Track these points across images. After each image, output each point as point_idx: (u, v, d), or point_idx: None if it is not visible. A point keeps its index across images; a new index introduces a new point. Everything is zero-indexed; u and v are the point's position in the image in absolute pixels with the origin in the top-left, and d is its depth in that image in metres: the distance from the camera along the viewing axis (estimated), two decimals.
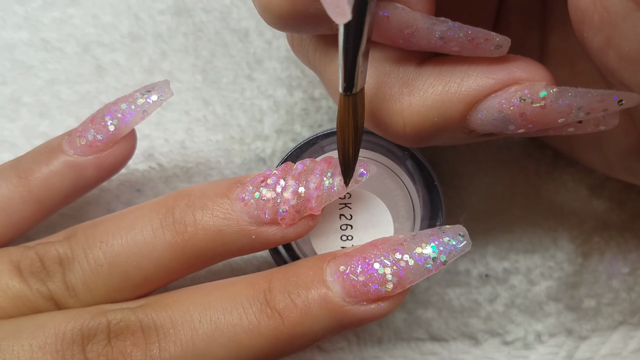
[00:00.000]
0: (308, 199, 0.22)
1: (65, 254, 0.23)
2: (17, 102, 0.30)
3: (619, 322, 0.31)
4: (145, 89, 0.25)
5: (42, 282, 0.23)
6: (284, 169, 0.23)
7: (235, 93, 0.31)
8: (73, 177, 0.25)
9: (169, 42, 0.31)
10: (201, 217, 0.22)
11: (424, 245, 0.21)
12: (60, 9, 0.31)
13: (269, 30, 0.31)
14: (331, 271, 0.22)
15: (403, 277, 0.21)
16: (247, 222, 0.22)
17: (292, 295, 0.21)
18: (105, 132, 0.25)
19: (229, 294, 0.22)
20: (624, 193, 0.31)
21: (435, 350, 0.31)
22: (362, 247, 0.22)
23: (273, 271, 0.23)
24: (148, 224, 0.23)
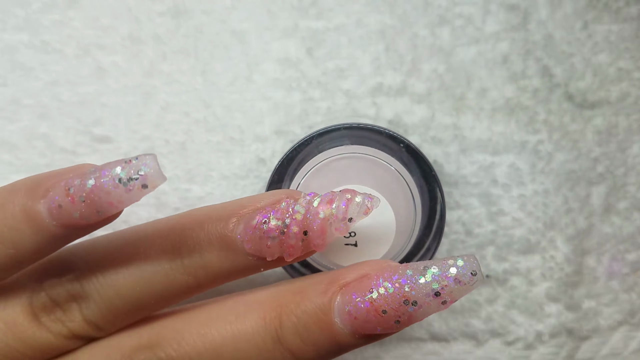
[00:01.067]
0: (313, 241, 0.22)
1: (78, 293, 0.23)
2: (17, 103, 0.30)
3: (620, 322, 0.31)
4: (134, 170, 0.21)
5: (62, 324, 0.23)
6: (285, 209, 0.22)
7: (235, 94, 0.31)
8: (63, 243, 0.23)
9: (169, 43, 0.31)
10: (209, 262, 0.23)
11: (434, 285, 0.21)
12: (60, 11, 0.31)
13: (268, 32, 0.31)
14: (339, 312, 0.22)
15: (413, 318, 0.22)
16: (254, 262, 0.23)
17: (302, 336, 0.22)
18: (93, 215, 0.21)
19: (243, 331, 0.23)
20: (623, 192, 0.31)
21: (436, 350, 0.31)
22: (367, 281, 0.22)
23: (281, 300, 0.23)
24: (159, 267, 0.23)
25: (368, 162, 0.27)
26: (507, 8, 0.31)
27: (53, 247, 0.22)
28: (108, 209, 0.21)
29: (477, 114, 0.31)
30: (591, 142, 0.31)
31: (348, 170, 0.27)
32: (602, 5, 0.31)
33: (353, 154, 0.27)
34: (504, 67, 0.31)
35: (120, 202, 0.21)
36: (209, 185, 0.31)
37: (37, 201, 0.21)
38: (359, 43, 0.31)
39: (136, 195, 0.21)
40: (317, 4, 0.31)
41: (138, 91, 0.31)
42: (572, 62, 0.31)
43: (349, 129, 0.27)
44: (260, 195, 0.23)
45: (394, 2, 0.31)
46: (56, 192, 0.21)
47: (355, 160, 0.27)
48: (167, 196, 0.31)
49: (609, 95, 0.31)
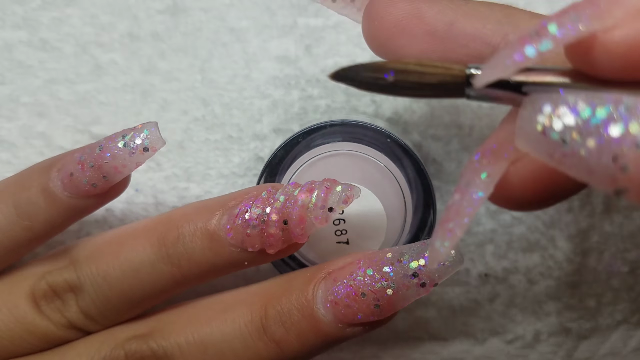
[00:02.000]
0: (293, 230, 0.22)
1: (73, 282, 0.24)
2: (15, 101, 0.30)
3: (619, 321, 0.31)
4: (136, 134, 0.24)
5: (60, 313, 0.24)
6: (267, 198, 0.23)
7: (234, 93, 0.31)
8: (70, 216, 0.25)
9: (168, 41, 0.31)
10: (192, 252, 0.23)
11: (412, 264, 0.21)
12: (58, 9, 0.31)
13: (266, 30, 0.31)
14: (322, 299, 0.22)
15: (392, 302, 0.22)
16: (237, 253, 0.23)
17: (286, 325, 0.22)
18: (99, 181, 0.24)
19: (231, 320, 0.23)
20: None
21: (435, 349, 0.31)
22: (350, 267, 0.22)
23: (268, 291, 0.24)
24: (145, 257, 0.24)
25: (357, 159, 0.27)
26: None
27: (66, 220, 0.24)
28: (113, 174, 0.23)
29: (476, 112, 0.31)
30: None
31: (337, 167, 0.27)
32: None
33: (342, 151, 0.27)
34: None
35: (124, 165, 0.23)
36: (207, 184, 0.31)
37: (52, 174, 0.24)
38: (358, 40, 0.31)
39: (138, 158, 0.23)
40: (315, 1, 0.31)
41: (136, 89, 0.31)
42: None
43: (337, 125, 0.27)
44: (248, 189, 0.24)
45: None
46: (69, 163, 0.24)
47: (345, 157, 0.27)
48: (165, 195, 0.31)
49: None
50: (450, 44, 0.20)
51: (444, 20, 0.20)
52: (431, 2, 0.21)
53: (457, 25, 0.20)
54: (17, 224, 0.24)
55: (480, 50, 0.20)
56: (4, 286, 0.25)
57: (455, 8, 0.21)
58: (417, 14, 0.21)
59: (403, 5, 0.21)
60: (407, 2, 0.21)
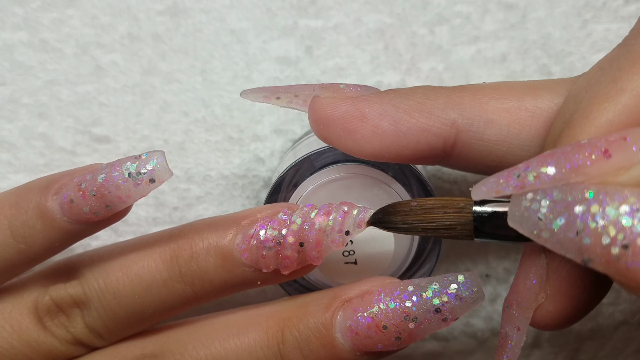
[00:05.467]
0: (308, 252, 0.22)
1: (79, 297, 0.23)
2: (16, 102, 0.30)
3: (620, 322, 0.31)
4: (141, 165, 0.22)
5: (65, 329, 0.24)
6: (281, 221, 0.23)
7: (234, 94, 0.31)
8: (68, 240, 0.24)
9: (168, 42, 0.31)
10: (206, 270, 0.23)
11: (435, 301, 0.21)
12: (59, 10, 0.31)
13: (267, 31, 0.31)
14: (340, 327, 0.22)
15: (413, 335, 0.22)
16: (251, 272, 0.23)
17: (304, 352, 0.22)
18: (102, 210, 0.22)
19: (247, 343, 0.23)
20: None
21: (437, 349, 0.31)
22: (369, 297, 0.22)
23: (283, 315, 0.23)
24: (158, 275, 0.23)
25: (365, 180, 0.26)
26: (505, 7, 0.31)
27: (63, 243, 0.23)
28: (117, 203, 0.22)
29: None
30: None
31: (345, 189, 0.27)
32: (601, 4, 0.31)
33: (350, 174, 0.27)
34: (502, 66, 0.31)
35: (129, 196, 0.22)
36: (207, 185, 0.31)
37: (50, 197, 0.22)
38: (358, 42, 0.31)
39: (144, 190, 0.22)
40: (316, 3, 0.31)
41: (137, 90, 0.31)
42: (571, 60, 0.31)
43: None
44: (261, 207, 0.24)
45: (393, 1, 0.31)
46: (68, 188, 0.22)
47: (352, 179, 0.26)
48: (166, 196, 0.31)
49: None
50: (400, 141, 0.21)
51: (388, 120, 0.21)
52: (371, 102, 0.21)
53: (403, 122, 0.21)
54: (12, 246, 0.23)
55: (432, 142, 0.21)
56: (5, 302, 0.24)
57: (397, 105, 0.21)
58: (360, 116, 0.21)
59: (345, 107, 0.21)
60: (349, 104, 0.21)
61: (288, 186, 0.27)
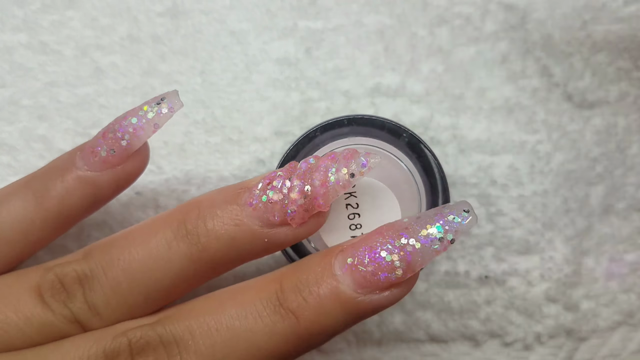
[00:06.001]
0: (315, 197, 0.22)
1: (84, 273, 0.23)
2: (16, 104, 0.30)
3: (618, 323, 0.31)
4: (155, 101, 0.24)
5: (64, 304, 0.23)
6: (287, 169, 0.23)
7: (234, 95, 0.31)
8: (89, 194, 0.25)
9: (168, 44, 0.31)
10: (212, 226, 0.22)
11: (429, 226, 0.21)
12: (59, 12, 0.31)
13: (267, 32, 0.31)
14: (339, 265, 0.22)
15: (411, 261, 0.21)
16: (259, 226, 0.22)
17: (303, 293, 0.22)
18: (118, 147, 0.24)
19: (243, 299, 0.22)
20: (622, 192, 0.31)
21: (435, 351, 0.31)
22: (368, 236, 0.22)
23: (283, 271, 0.23)
24: (162, 238, 0.23)
25: None
26: (506, 8, 0.31)
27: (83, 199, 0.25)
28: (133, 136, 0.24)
29: (476, 114, 0.31)
30: (590, 142, 0.31)
31: None
32: (601, 5, 0.31)
33: (359, 146, 0.27)
34: (503, 67, 0.31)
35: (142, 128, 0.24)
36: (207, 187, 0.31)
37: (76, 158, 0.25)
38: (358, 43, 0.31)
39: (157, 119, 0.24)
40: (315, 4, 0.31)
41: (137, 92, 0.31)
42: (571, 61, 0.31)
43: (354, 120, 0.27)
44: (267, 173, 0.24)
45: (393, 2, 0.31)
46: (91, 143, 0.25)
47: None
48: (166, 198, 0.31)
49: (607, 95, 0.31)
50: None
51: None
52: None
53: None
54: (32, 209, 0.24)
55: None
56: (10, 278, 0.24)
57: None
58: None
59: None
60: None
61: (298, 156, 0.27)
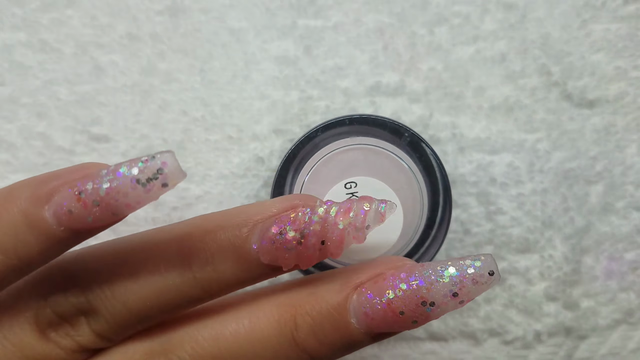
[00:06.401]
0: (330, 250, 0.22)
1: (82, 306, 0.22)
2: (15, 102, 0.30)
3: (618, 321, 0.31)
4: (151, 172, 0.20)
5: (71, 338, 0.22)
6: (300, 221, 0.22)
7: (233, 93, 0.31)
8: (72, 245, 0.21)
9: (167, 42, 0.31)
10: (223, 274, 0.22)
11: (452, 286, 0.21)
12: (58, 10, 0.31)
13: (266, 31, 0.31)
14: (356, 312, 0.22)
15: (430, 317, 0.21)
16: (269, 270, 0.22)
17: (318, 337, 0.22)
18: (107, 218, 0.20)
19: (259, 334, 0.22)
20: (621, 191, 0.31)
21: (435, 349, 0.31)
22: (383, 282, 0.22)
23: (294, 301, 0.23)
24: (170, 280, 0.22)
25: (375, 153, 0.27)
26: (505, 6, 0.31)
27: (60, 251, 0.21)
28: (125, 211, 0.20)
29: (475, 113, 0.31)
30: (589, 141, 0.31)
31: (356, 161, 0.27)
32: (600, 4, 0.31)
33: (361, 145, 0.27)
34: (502, 66, 0.31)
35: (139, 202, 0.19)
36: (207, 185, 0.31)
37: (41, 207, 0.20)
38: (357, 42, 0.31)
39: (155, 195, 0.19)
40: (315, 3, 0.31)
41: (136, 90, 0.31)
42: (570, 60, 0.31)
43: (356, 119, 0.27)
44: (272, 201, 0.22)
45: (392, 1, 0.31)
46: (64, 198, 0.20)
47: (363, 151, 0.27)
48: (165, 195, 0.31)
49: (607, 94, 0.31)
50: None
51: None
52: None
53: None
54: (2, 263, 0.20)
55: None
56: (3, 318, 0.22)
57: None
58: None
59: None
60: None
61: (297, 158, 0.27)
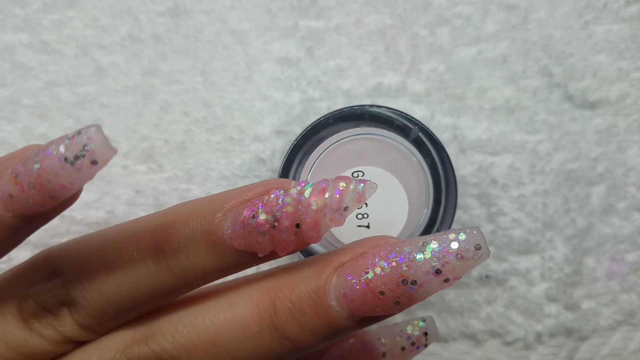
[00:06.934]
0: (306, 234, 0.21)
1: (63, 297, 0.22)
2: (16, 103, 0.30)
3: (619, 322, 0.31)
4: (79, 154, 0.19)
5: (54, 328, 0.22)
6: (273, 203, 0.21)
7: (235, 94, 0.31)
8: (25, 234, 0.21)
9: (169, 43, 0.31)
10: (196, 263, 0.22)
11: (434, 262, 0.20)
12: (60, 11, 0.31)
13: (267, 32, 0.31)
14: (335, 295, 0.21)
15: (413, 298, 0.20)
16: (245, 257, 0.22)
17: (299, 322, 0.21)
18: (45, 201, 0.19)
19: (238, 318, 0.22)
20: (622, 192, 0.31)
21: (436, 350, 0.31)
22: (363, 261, 0.21)
23: (274, 285, 0.22)
24: (144, 270, 0.22)
25: (383, 143, 0.26)
26: (506, 8, 0.31)
27: (15, 239, 0.21)
28: (61, 192, 0.19)
29: (477, 114, 0.31)
30: (591, 142, 0.31)
31: (363, 151, 0.26)
32: (602, 5, 0.31)
33: (369, 135, 0.26)
34: (503, 67, 0.31)
35: (72, 182, 0.19)
36: (208, 185, 0.31)
37: None
38: (359, 43, 0.31)
39: (87, 174, 0.19)
40: (317, 4, 0.31)
41: (137, 91, 0.31)
42: (572, 62, 0.31)
43: (366, 109, 0.26)
44: (247, 187, 0.22)
45: (394, 2, 0.31)
46: (4, 182, 0.19)
47: (371, 141, 0.26)
48: (166, 196, 0.31)
49: (608, 95, 0.31)
50: None
51: None
52: None
53: None
54: None
55: None
56: None
57: None
58: None
59: None
60: None
61: (305, 147, 0.26)
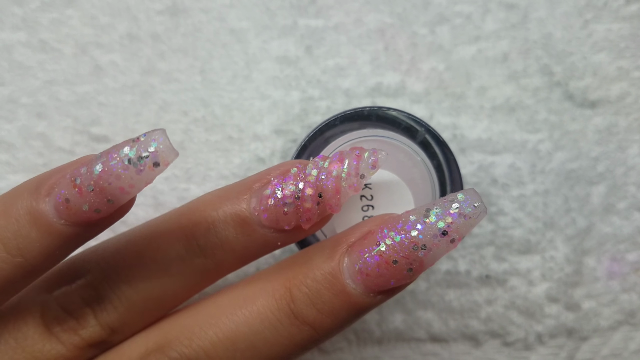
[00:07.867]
0: (328, 202, 0.22)
1: (89, 294, 0.22)
2: (15, 102, 0.30)
3: (620, 322, 0.31)
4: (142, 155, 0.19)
5: (74, 332, 0.22)
6: (297, 174, 0.22)
7: (234, 93, 0.31)
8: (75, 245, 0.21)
9: (168, 42, 0.31)
10: (226, 240, 0.22)
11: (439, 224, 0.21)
12: (58, 10, 0.31)
13: (267, 31, 0.31)
14: (349, 272, 0.21)
15: (424, 263, 0.21)
16: (271, 235, 0.22)
17: (317, 306, 0.21)
18: (102, 205, 0.19)
19: (255, 311, 0.22)
20: (623, 192, 0.31)
21: (436, 351, 0.31)
22: (372, 236, 0.21)
23: (288, 274, 0.22)
24: (174, 254, 0.22)
25: (388, 145, 0.26)
26: (506, 6, 0.31)
27: (64, 250, 0.21)
28: (119, 196, 0.19)
29: (477, 113, 0.31)
30: (591, 141, 0.31)
31: None
32: (602, 4, 0.31)
33: (376, 137, 0.26)
34: (503, 66, 0.31)
35: (132, 185, 0.19)
36: (207, 185, 0.31)
37: (42, 200, 0.20)
38: (358, 42, 0.31)
39: (148, 176, 0.19)
40: (316, 2, 0.31)
41: (136, 90, 0.30)
42: (572, 60, 0.31)
43: (373, 111, 0.26)
44: (269, 169, 0.23)
45: (394, 1, 0.31)
46: (61, 186, 0.19)
47: (378, 143, 0.26)
48: (165, 196, 0.30)
49: (609, 94, 0.31)
50: None
51: None
52: None
53: None
54: (6, 261, 0.20)
55: None
56: (9, 314, 0.22)
57: None
58: None
59: None
60: None
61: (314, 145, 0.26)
